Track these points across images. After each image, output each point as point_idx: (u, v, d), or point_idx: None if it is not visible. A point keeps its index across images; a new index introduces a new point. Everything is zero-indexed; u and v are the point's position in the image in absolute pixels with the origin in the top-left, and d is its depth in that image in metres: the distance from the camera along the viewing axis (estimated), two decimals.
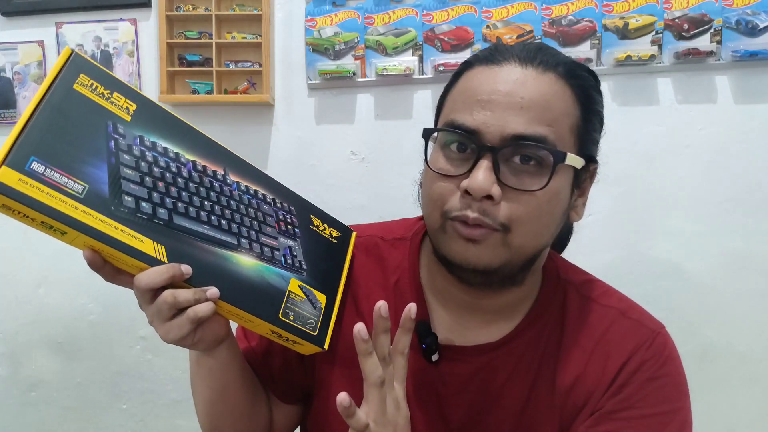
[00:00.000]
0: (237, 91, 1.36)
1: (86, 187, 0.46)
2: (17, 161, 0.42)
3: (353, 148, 1.36)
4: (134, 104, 0.51)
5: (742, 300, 1.27)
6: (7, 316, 1.46)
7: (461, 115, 0.53)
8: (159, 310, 0.49)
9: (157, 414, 1.45)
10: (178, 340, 0.51)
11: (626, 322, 0.60)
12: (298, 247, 0.61)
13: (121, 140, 0.49)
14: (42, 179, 0.43)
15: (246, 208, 0.57)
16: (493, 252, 0.52)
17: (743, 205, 1.26)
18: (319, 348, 0.59)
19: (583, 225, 1.45)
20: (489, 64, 0.55)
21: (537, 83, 0.53)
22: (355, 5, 1.32)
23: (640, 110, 1.28)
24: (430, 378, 0.61)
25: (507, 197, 0.51)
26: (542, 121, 0.51)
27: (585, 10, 1.26)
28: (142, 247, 0.48)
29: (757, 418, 1.28)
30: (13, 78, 1.40)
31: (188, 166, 0.54)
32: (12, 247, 1.44)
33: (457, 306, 0.62)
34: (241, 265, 0.54)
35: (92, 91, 0.48)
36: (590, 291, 0.63)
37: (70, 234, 0.46)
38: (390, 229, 0.71)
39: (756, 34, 1.22)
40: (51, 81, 0.46)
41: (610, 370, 0.57)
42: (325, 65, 1.32)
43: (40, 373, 1.46)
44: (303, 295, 0.59)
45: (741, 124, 1.25)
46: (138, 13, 1.37)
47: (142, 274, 0.48)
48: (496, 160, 0.51)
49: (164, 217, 0.50)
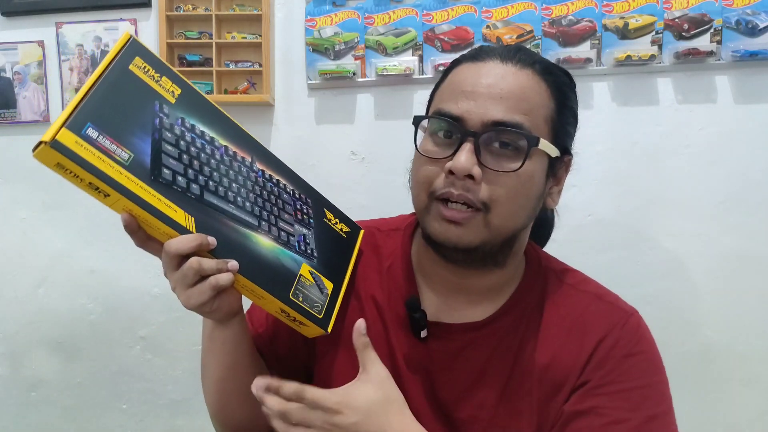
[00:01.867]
0: (237, 91, 1.36)
1: (132, 156, 0.51)
2: (76, 125, 0.47)
3: (353, 148, 1.36)
4: (179, 89, 0.57)
5: (742, 300, 1.27)
6: (7, 316, 1.46)
7: (447, 104, 0.59)
8: (184, 275, 0.53)
9: (157, 414, 1.45)
10: (198, 306, 0.55)
11: (602, 305, 0.65)
12: (312, 235, 0.66)
13: (165, 119, 0.54)
14: (95, 144, 0.48)
15: (268, 195, 0.63)
16: (474, 231, 0.58)
17: (743, 205, 1.26)
18: (322, 330, 0.63)
19: (583, 225, 1.45)
20: (474, 61, 0.61)
21: (515, 77, 0.59)
22: (355, 5, 1.32)
23: (640, 110, 1.28)
24: (419, 355, 0.66)
25: (486, 179, 0.57)
26: (519, 110, 0.57)
27: (585, 10, 1.26)
28: (175, 216, 0.53)
29: (757, 418, 1.28)
30: (13, 78, 1.40)
31: (221, 150, 0.59)
32: (12, 247, 1.44)
33: (444, 287, 0.67)
34: (260, 244, 0.59)
35: (144, 73, 0.54)
36: (569, 278, 0.68)
37: (112, 197, 0.50)
38: (387, 222, 0.78)
39: (756, 34, 1.22)
40: (110, 60, 0.51)
41: (587, 348, 0.62)
42: (325, 65, 1.32)
43: (40, 373, 1.46)
44: (312, 280, 0.63)
45: (741, 124, 1.25)
46: (138, 13, 1.37)
47: (172, 240, 0.52)
48: (478, 144, 0.57)
49: (196, 192, 0.55)
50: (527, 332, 0.65)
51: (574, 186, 1.29)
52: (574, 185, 1.29)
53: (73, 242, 1.42)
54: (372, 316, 0.68)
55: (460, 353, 0.65)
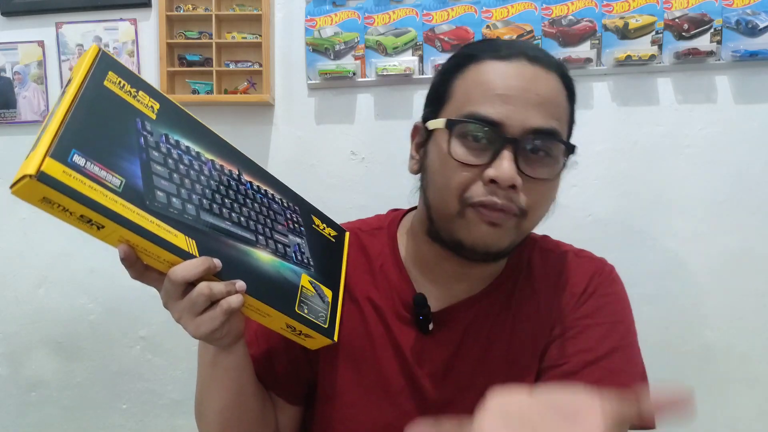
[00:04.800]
0: (237, 91, 1.36)
1: (123, 181, 0.46)
2: (61, 153, 0.42)
3: (353, 148, 1.36)
4: (158, 103, 0.53)
5: (742, 300, 1.27)
6: (7, 316, 1.45)
7: (482, 107, 0.57)
8: (193, 303, 0.50)
9: (157, 414, 1.45)
10: (209, 333, 0.52)
11: (581, 260, 0.71)
12: (305, 244, 0.64)
13: (150, 137, 0.50)
14: (84, 172, 0.44)
15: (260, 207, 0.60)
16: (508, 234, 0.59)
17: (743, 205, 1.26)
18: (329, 340, 0.61)
19: (583, 225, 1.45)
20: (500, 60, 0.59)
21: (546, 81, 0.58)
22: (355, 5, 1.32)
23: (640, 110, 1.28)
24: (428, 348, 0.66)
25: (524, 186, 0.57)
26: (554, 116, 0.58)
27: (585, 10, 1.26)
28: (176, 241, 0.49)
29: (757, 418, 1.28)
30: (13, 78, 1.40)
31: (208, 165, 0.56)
32: (12, 247, 1.44)
33: (446, 278, 0.68)
34: (260, 260, 0.56)
35: (120, 89, 0.49)
36: (547, 244, 0.73)
37: (107, 228, 0.45)
38: (366, 222, 0.77)
39: (756, 34, 1.22)
40: (83, 77, 0.46)
41: (575, 292, 0.67)
42: (325, 65, 1.32)
43: (40, 373, 1.46)
44: (313, 290, 0.61)
45: (741, 124, 1.25)
46: (138, 13, 1.37)
47: (177, 268, 0.49)
48: (516, 151, 0.55)
49: (192, 213, 0.51)
50: (521, 295, 0.68)
51: (574, 186, 1.29)
52: (574, 185, 1.29)
53: (73, 242, 1.41)
54: (371, 317, 0.68)
55: (467, 329, 0.66)
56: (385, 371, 0.66)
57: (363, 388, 0.66)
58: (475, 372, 0.66)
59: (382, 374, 0.66)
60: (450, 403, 0.65)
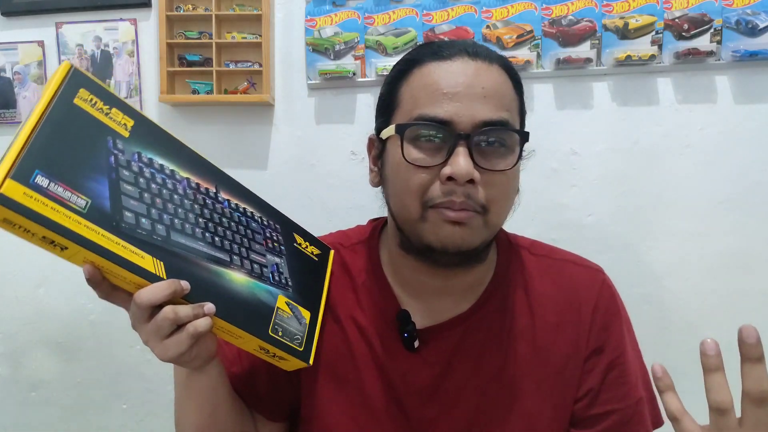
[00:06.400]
0: (237, 91, 1.36)
1: (89, 201, 0.45)
2: (22, 174, 0.42)
3: (353, 148, 1.36)
4: (132, 120, 0.51)
5: (742, 300, 1.27)
6: (7, 316, 1.45)
7: (430, 108, 0.57)
8: (158, 327, 0.49)
9: (157, 414, 1.45)
10: (176, 357, 0.51)
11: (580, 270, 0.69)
12: (284, 264, 0.63)
13: (121, 156, 0.49)
14: (46, 193, 0.43)
15: (237, 226, 0.58)
16: (477, 233, 0.58)
17: (743, 205, 1.26)
18: (304, 363, 0.60)
19: (583, 225, 1.45)
20: (440, 60, 0.59)
21: (489, 74, 0.58)
22: (355, 5, 1.32)
23: (640, 110, 1.28)
24: (414, 366, 0.64)
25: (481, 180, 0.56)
26: (502, 107, 0.58)
27: (585, 10, 1.26)
28: (143, 263, 0.48)
29: None
30: (13, 78, 1.40)
31: (183, 184, 0.54)
32: (12, 247, 1.44)
33: (427, 293, 0.66)
34: (234, 281, 0.55)
35: (92, 106, 0.48)
36: (538, 250, 0.71)
37: (71, 249, 0.45)
38: (346, 235, 0.75)
39: (756, 34, 1.22)
40: (52, 95, 0.45)
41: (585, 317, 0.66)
42: (325, 65, 1.32)
43: (40, 373, 1.46)
44: (289, 311, 0.60)
45: (741, 124, 1.25)
46: (138, 13, 1.37)
47: (142, 291, 0.48)
48: (470, 146, 0.55)
49: (162, 234, 0.50)
50: (516, 310, 0.66)
51: (574, 186, 1.29)
52: (574, 185, 1.29)
53: None
54: (354, 338, 0.66)
55: (456, 348, 0.65)
56: (368, 390, 0.65)
57: (345, 408, 0.65)
58: (463, 391, 0.64)
59: (365, 393, 0.65)
60: (435, 422, 0.64)
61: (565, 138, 1.30)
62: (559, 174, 1.30)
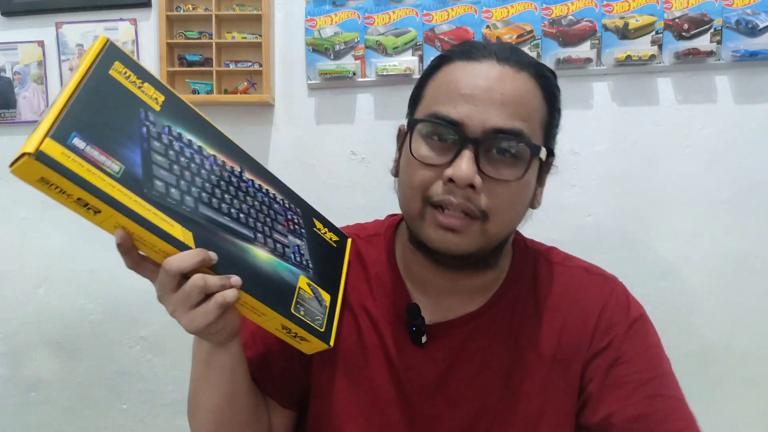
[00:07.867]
0: (237, 91, 1.36)
1: (122, 167, 0.47)
2: (61, 135, 0.43)
3: (353, 148, 1.36)
4: (162, 96, 0.53)
5: (742, 300, 1.27)
6: (7, 316, 1.45)
7: (445, 107, 0.57)
8: (187, 295, 0.49)
9: (157, 414, 1.45)
10: (203, 328, 0.51)
11: (593, 278, 0.68)
12: (305, 246, 0.63)
13: (152, 128, 0.51)
14: (83, 155, 0.44)
15: (260, 205, 0.59)
16: (472, 239, 0.57)
17: (743, 205, 1.26)
18: (325, 345, 0.60)
19: (583, 225, 1.45)
20: (468, 60, 0.59)
21: (513, 81, 0.57)
22: (355, 5, 1.32)
23: (640, 110, 1.28)
24: (420, 361, 0.65)
25: (486, 187, 0.55)
26: (519, 117, 0.56)
27: (585, 10, 1.26)
28: (173, 231, 0.49)
29: (757, 418, 1.28)
30: (13, 78, 1.40)
31: (210, 160, 0.56)
32: (12, 247, 1.44)
33: (436, 291, 0.66)
34: (258, 257, 0.56)
35: (126, 79, 0.50)
36: (554, 257, 0.70)
37: (104, 213, 0.46)
38: (363, 228, 0.76)
39: (756, 34, 1.22)
40: (89, 65, 0.47)
41: (590, 321, 0.64)
42: (325, 65, 1.32)
43: (40, 373, 1.46)
44: (311, 292, 0.60)
45: (741, 124, 1.25)
46: (138, 13, 1.37)
47: (172, 258, 0.48)
48: (477, 151, 0.55)
49: (191, 205, 0.51)
50: (524, 314, 0.65)
51: (574, 186, 1.29)
52: (574, 185, 1.29)
53: (73, 242, 1.42)
54: (366, 327, 0.67)
55: (462, 346, 0.65)
56: (376, 381, 0.65)
57: (354, 397, 0.66)
58: (467, 390, 0.64)
59: (373, 384, 0.65)
60: (437, 418, 0.64)
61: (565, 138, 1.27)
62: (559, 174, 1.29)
